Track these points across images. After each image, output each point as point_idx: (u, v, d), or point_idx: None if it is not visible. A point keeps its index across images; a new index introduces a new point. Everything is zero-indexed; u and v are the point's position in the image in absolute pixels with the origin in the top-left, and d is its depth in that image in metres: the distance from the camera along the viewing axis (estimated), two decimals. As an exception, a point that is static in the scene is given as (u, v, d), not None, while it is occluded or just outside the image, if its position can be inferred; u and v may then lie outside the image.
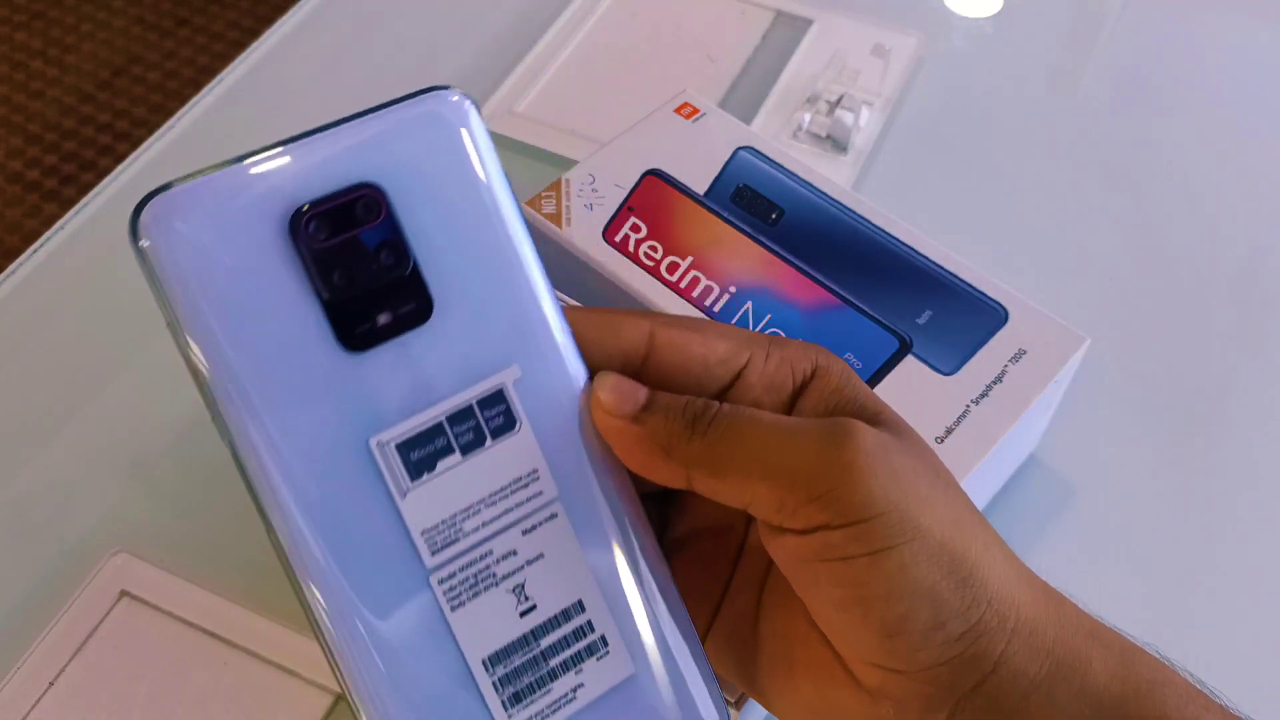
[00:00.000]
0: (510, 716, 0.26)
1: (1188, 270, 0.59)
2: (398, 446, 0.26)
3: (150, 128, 0.75)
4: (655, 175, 0.49)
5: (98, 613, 0.44)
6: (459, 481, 0.26)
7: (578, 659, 0.27)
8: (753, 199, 0.48)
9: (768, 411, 0.27)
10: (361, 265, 0.25)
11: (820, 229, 0.47)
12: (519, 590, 0.27)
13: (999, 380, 0.43)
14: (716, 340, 0.28)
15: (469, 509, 0.26)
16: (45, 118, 1.66)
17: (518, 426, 0.27)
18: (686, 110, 0.51)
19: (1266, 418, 0.53)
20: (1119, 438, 0.52)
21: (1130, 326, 0.56)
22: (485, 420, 0.26)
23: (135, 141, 0.97)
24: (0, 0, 1.83)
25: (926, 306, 0.45)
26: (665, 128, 0.51)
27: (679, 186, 0.49)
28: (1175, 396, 0.54)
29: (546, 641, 0.27)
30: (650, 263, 0.46)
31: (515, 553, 0.27)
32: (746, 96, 0.65)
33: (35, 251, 0.58)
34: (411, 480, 0.26)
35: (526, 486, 0.27)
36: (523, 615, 0.26)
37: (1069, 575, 0.30)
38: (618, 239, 0.47)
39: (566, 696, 0.27)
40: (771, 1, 0.69)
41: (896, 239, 0.47)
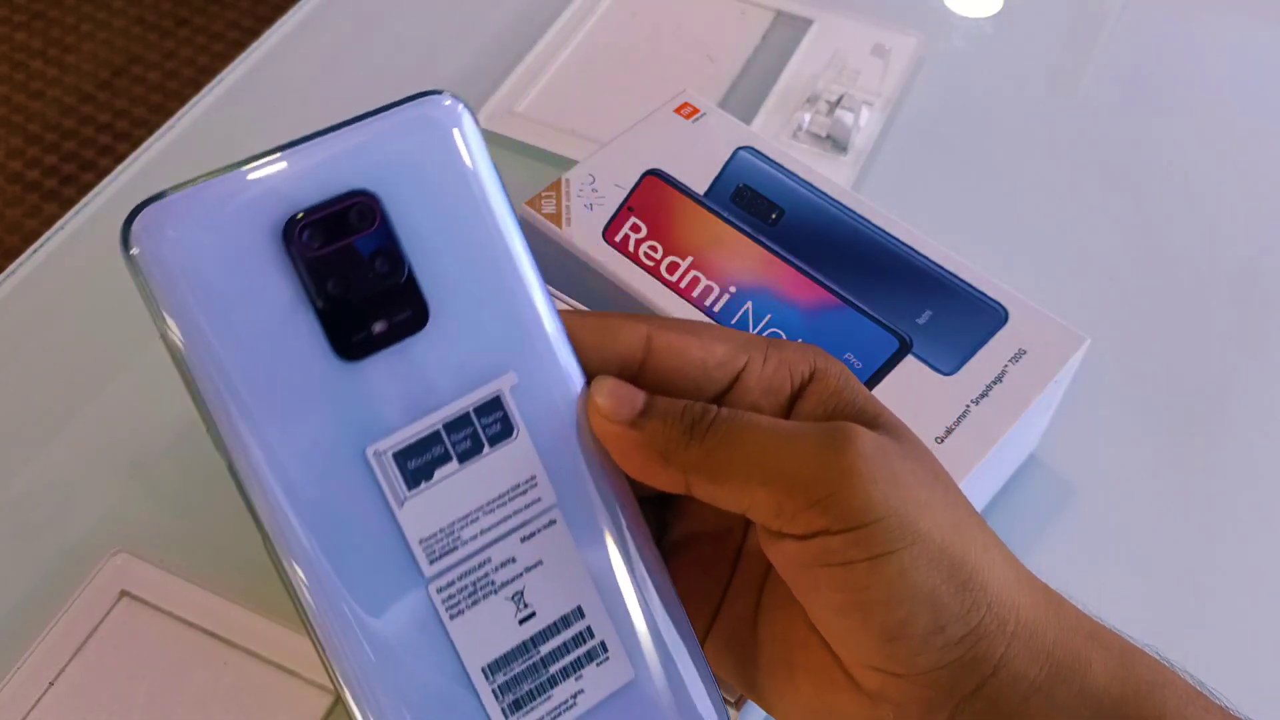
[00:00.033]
0: None
1: (1188, 270, 0.59)
2: (395, 456, 0.25)
3: (150, 128, 0.75)
4: (655, 175, 0.49)
5: (98, 613, 0.44)
6: (457, 489, 0.26)
7: (577, 665, 0.27)
8: (753, 199, 0.48)
9: (766, 415, 0.27)
10: (356, 273, 0.25)
11: (820, 229, 0.47)
12: (518, 597, 0.26)
13: (999, 380, 0.43)
14: (714, 343, 0.28)
15: (467, 517, 0.26)
16: (45, 118, 1.66)
17: (515, 433, 0.27)
18: (686, 110, 0.51)
19: (1266, 418, 0.53)
20: (1119, 438, 0.52)
21: (1130, 326, 0.56)
22: (482, 427, 0.26)
23: (135, 141, 0.97)
24: (1, 1, 1.83)
25: (926, 306, 0.45)
26: (665, 128, 0.51)
27: (679, 186, 0.49)
28: (1175, 396, 0.54)
29: (546, 648, 0.27)
30: (650, 263, 0.46)
31: (514, 560, 0.26)
32: (746, 96, 0.64)
33: (35, 251, 0.58)
34: (409, 489, 0.25)
35: (525, 493, 0.27)
36: (522, 622, 0.26)
37: (1069, 575, 0.30)
38: (618, 239, 0.47)
39: (567, 703, 0.27)
40: (771, 1, 0.69)
41: (896, 239, 0.47)
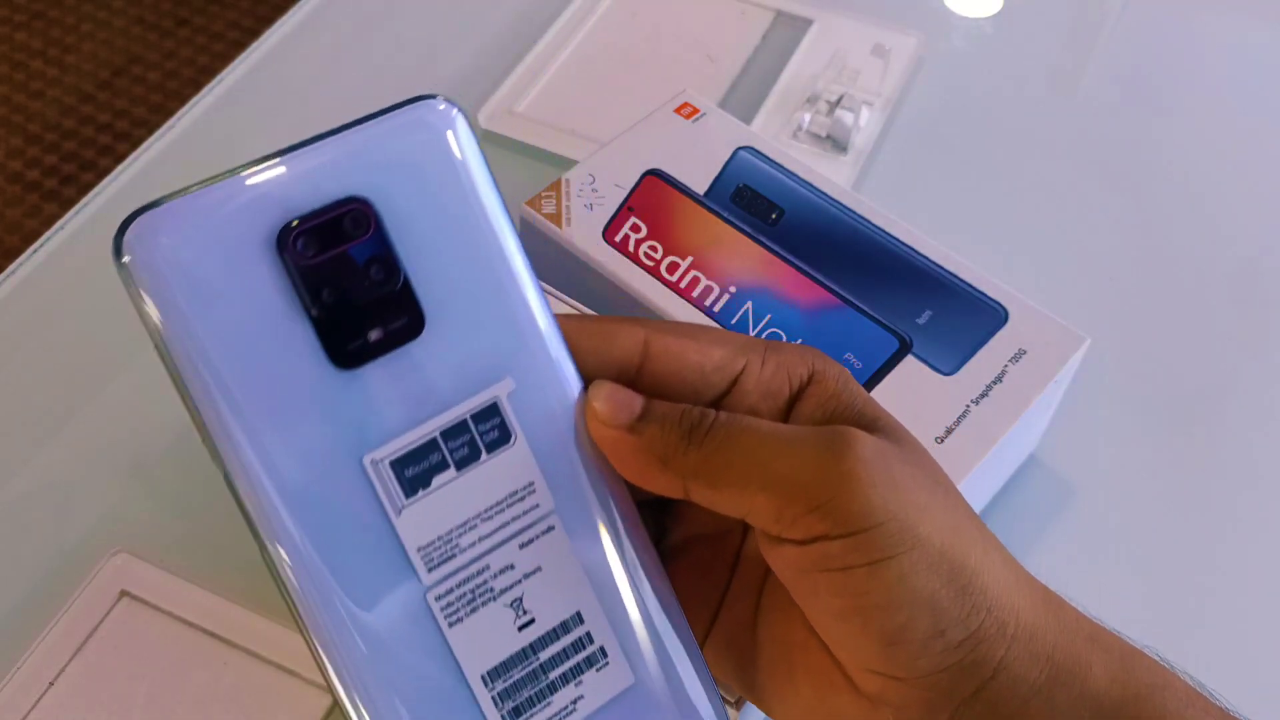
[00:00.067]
0: None
1: (1188, 270, 0.59)
2: (392, 464, 0.25)
3: (150, 128, 0.75)
4: (655, 175, 0.49)
5: (98, 613, 0.44)
6: (454, 497, 0.26)
7: (577, 671, 0.27)
8: (753, 199, 0.48)
9: (765, 419, 0.27)
10: (351, 281, 0.25)
11: (820, 229, 0.47)
12: (517, 604, 0.26)
13: (999, 380, 0.43)
14: (712, 346, 0.28)
15: (465, 524, 0.26)
16: (45, 118, 1.66)
17: (513, 439, 0.26)
18: (686, 110, 0.51)
19: (1266, 418, 0.53)
20: (1119, 438, 0.52)
21: (1130, 326, 0.56)
22: (480, 434, 0.26)
23: (135, 141, 0.97)
24: (1, 1, 1.83)
25: (926, 306, 0.45)
26: (665, 128, 0.51)
27: (679, 186, 0.49)
28: (1175, 396, 0.54)
29: (546, 654, 0.26)
30: (650, 263, 0.46)
31: (513, 567, 0.26)
32: (746, 96, 0.64)
33: (35, 251, 0.58)
34: (406, 497, 0.25)
35: (523, 499, 0.27)
36: (521, 629, 0.26)
37: (1069, 575, 0.30)
38: (618, 239, 0.47)
39: (566, 709, 0.26)
40: (771, 1, 0.69)
41: (896, 239, 0.47)
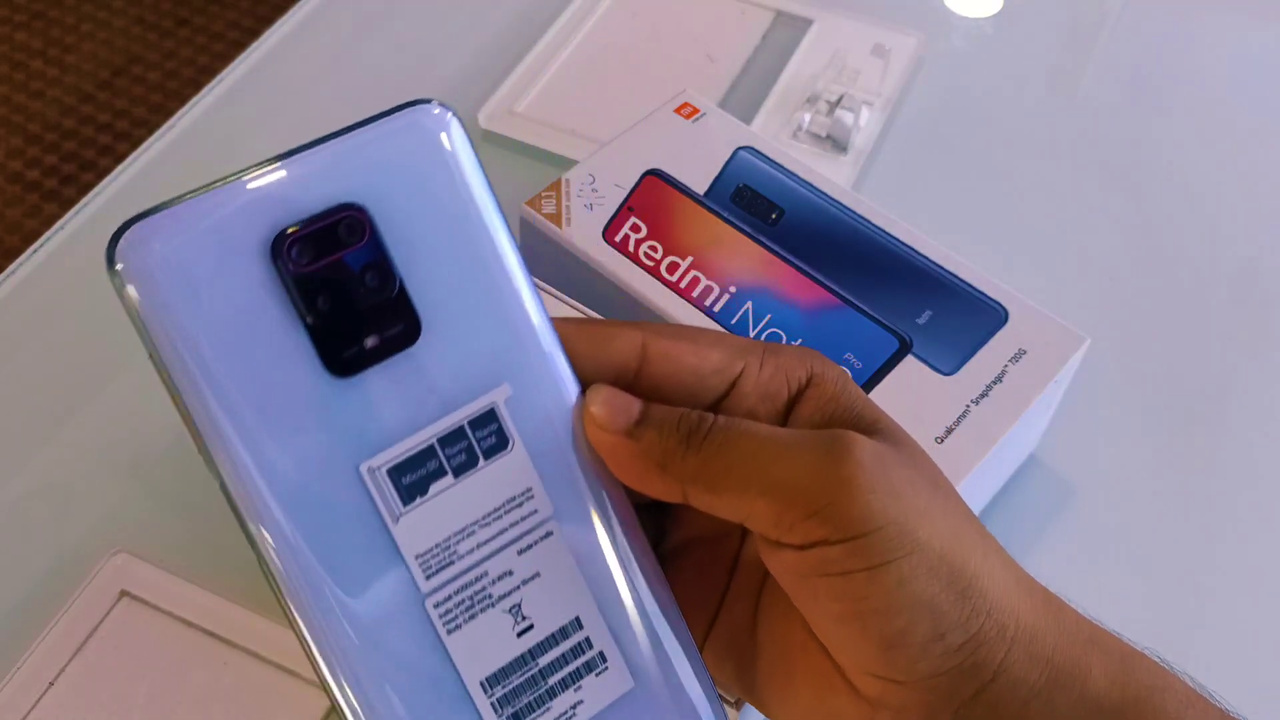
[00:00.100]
0: None
1: (1188, 270, 0.59)
2: (389, 472, 0.25)
3: (150, 128, 0.75)
4: (655, 175, 0.49)
5: (98, 613, 0.44)
6: (452, 504, 0.26)
7: (576, 676, 0.27)
8: (753, 199, 0.48)
9: (764, 423, 0.27)
10: (347, 288, 0.24)
11: (820, 229, 0.47)
12: (515, 610, 0.26)
13: (999, 380, 0.43)
14: (710, 349, 0.28)
15: (463, 531, 0.26)
16: (45, 118, 1.66)
17: (510, 446, 0.26)
18: (686, 110, 0.51)
19: (1266, 418, 0.53)
20: (1119, 438, 0.52)
21: (1130, 326, 0.56)
22: (477, 441, 0.26)
23: (135, 141, 0.97)
24: (1, 1, 1.83)
25: (926, 306, 0.45)
26: (665, 128, 0.51)
27: (679, 186, 0.49)
28: (1175, 396, 0.54)
29: (545, 660, 0.26)
30: (650, 263, 0.46)
31: (511, 573, 0.26)
32: (746, 96, 0.64)
33: (35, 251, 0.58)
34: (404, 505, 0.25)
35: (521, 505, 0.26)
36: (520, 635, 0.26)
37: (1069, 576, 0.30)
38: (618, 239, 0.47)
39: (566, 714, 0.26)
40: (771, 1, 0.69)
41: (896, 239, 0.47)
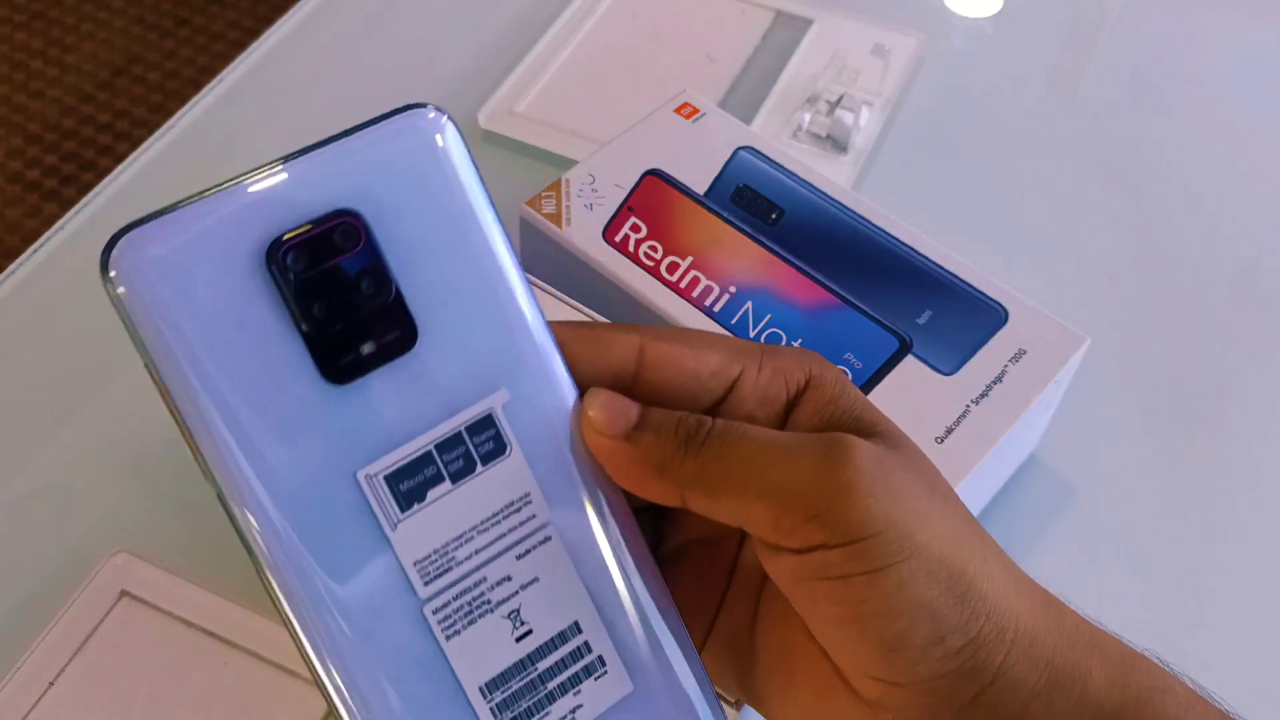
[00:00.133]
0: None
1: (1188, 270, 0.59)
2: (386, 478, 0.25)
3: (150, 128, 0.75)
4: (655, 175, 0.49)
5: (98, 613, 0.44)
6: (450, 510, 0.26)
7: (576, 680, 0.27)
8: (753, 199, 0.48)
9: (762, 427, 0.27)
10: (343, 295, 0.24)
11: (820, 229, 0.47)
12: (514, 615, 0.26)
13: (999, 380, 0.43)
14: (708, 352, 0.28)
15: (461, 537, 0.26)
16: (45, 118, 1.66)
17: (508, 451, 0.26)
18: (686, 110, 0.51)
19: (1266, 418, 0.53)
20: (1119, 438, 0.52)
21: (1130, 326, 0.56)
22: (475, 446, 0.26)
23: (135, 141, 0.97)
24: (1, 1, 1.83)
25: (926, 306, 0.45)
26: (665, 128, 0.51)
27: (679, 186, 0.49)
28: (1175, 396, 0.54)
29: (544, 665, 0.26)
30: (650, 263, 0.46)
31: (509, 578, 0.26)
32: (746, 96, 0.64)
33: (35, 251, 0.58)
34: (401, 511, 0.25)
35: (519, 511, 0.26)
36: (519, 640, 0.26)
37: (1069, 576, 0.30)
38: (618, 239, 0.47)
39: (565, 719, 0.26)
40: (771, 1, 0.69)
41: (896, 239, 0.47)
